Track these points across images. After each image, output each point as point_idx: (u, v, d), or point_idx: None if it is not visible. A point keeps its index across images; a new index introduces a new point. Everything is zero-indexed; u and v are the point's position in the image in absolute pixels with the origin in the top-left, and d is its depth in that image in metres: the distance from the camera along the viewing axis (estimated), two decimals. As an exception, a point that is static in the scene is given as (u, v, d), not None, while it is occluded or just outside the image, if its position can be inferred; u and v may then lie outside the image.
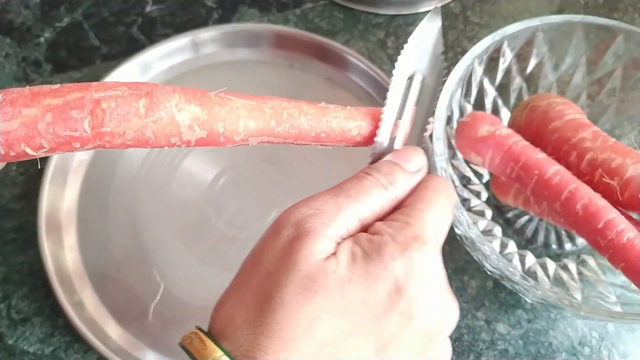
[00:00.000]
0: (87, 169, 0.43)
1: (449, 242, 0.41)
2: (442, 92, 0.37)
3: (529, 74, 0.42)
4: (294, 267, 0.19)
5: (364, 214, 0.21)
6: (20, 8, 0.53)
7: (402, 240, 0.20)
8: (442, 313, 0.21)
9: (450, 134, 0.39)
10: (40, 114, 0.19)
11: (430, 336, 0.20)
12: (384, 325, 0.19)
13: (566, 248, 0.40)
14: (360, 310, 0.19)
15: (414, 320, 0.20)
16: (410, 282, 0.20)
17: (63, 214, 0.41)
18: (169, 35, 0.50)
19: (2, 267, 0.40)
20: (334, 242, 0.20)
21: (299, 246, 0.20)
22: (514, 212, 0.41)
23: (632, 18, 0.54)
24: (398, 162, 0.23)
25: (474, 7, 0.54)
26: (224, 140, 0.22)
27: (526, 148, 0.34)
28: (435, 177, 0.24)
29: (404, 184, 0.22)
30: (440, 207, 0.22)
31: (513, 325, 0.39)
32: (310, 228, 0.20)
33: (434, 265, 0.21)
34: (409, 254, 0.20)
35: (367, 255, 0.20)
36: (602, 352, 0.38)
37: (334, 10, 0.53)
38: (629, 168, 0.33)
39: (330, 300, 0.19)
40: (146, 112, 0.20)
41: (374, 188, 0.22)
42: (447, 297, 0.21)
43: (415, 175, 0.23)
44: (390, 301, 0.19)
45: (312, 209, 0.21)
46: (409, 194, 0.22)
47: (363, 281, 0.19)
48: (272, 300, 0.19)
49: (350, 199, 0.21)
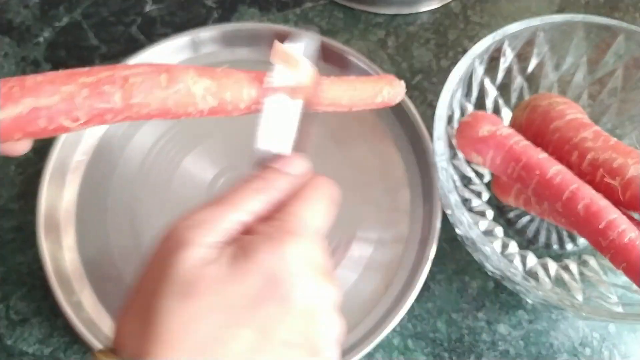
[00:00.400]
0: (86, 169, 0.43)
1: (449, 243, 0.41)
2: (443, 91, 0.37)
3: (530, 74, 0.42)
4: (173, 276, 0.21)
5: (245, 219, 0.23)
6: (19, 7, 0.52)
7: (277, 236, 0.22)
8: (320, 293, 0.23)
9: (451, 133, 0.39)
10: (76, 90, 0.22)
11: (313, 315, 0.22)
12: (262, 314, 0.21)
13: (567, 248, 0.40)
14: (238, 304, 0.21)
15: (292, 304, 0.22)
16: (284, 272, 0.22)
17: (62, 214, 0.41)
18: (169, 34, 0.50)
19: (0, 267, 0.40)
20: (214, 248, 0.22)
21: (176, 256, 0.21)
22: (515, 212, 0.41)
23: (633, 17, 0.54)
24: (281, 167, 0.25)
25: (474, 7, 0.54)
26: (231, 108, 0.25)
27: (527, 148, 0.34)
28: (317, 176, 0.26)
29: (286, 187, 0.25)
30: (317, 201, 0.25)
31: (514, 326, 0.39)
32: (190, 237, 0.22)
33: (308, 254, 0.23)
34: (282, 247, 0.22)
35: (244, 254, 0.22)
36: (604, 353, 0.38)
37: (334, 10, 0.53)
38: (630, 168, 0.33)
39: (209, 300, 0.21)
40: (167, 84, 0.24)
41: (254, 193, 0.24)
42: (324, 278, 0.23)
43: (299, 178, 0.25)
44: (265, 292, 0.21)
45: (192, 221, 0.22)
46: (293, 196, 0.25)
47: (241, 278, 0.21)
48: (155, 309, 0.20)
49: (229, 206, 0.23)
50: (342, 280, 0.39)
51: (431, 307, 0.39)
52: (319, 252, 0.24)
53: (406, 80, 0.49)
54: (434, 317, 0.39)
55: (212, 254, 0.22)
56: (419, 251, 0.39)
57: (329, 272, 0.24)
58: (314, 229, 0.24)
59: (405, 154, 0.44)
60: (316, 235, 0.24)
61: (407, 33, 0.52)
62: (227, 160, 0.43)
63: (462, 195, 0.40)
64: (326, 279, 0.23)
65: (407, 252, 0.40)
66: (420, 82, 0.49)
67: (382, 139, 0.45)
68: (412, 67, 0.50)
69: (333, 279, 0.24)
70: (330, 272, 0.24)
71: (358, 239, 0.40)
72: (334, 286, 0.24)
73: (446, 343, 0.38)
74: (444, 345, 0.38)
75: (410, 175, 0.43)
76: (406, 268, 0.39)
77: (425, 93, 0.48)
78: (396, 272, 0.39)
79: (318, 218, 0.25)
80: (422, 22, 0.53)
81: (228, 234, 0.23)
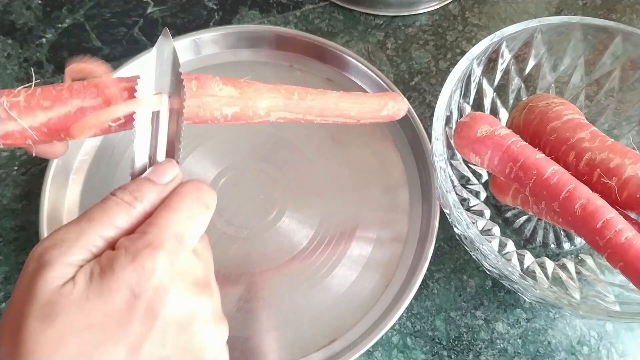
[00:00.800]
0: (89, 169, 0.43)
1: (448, 242, 0.42)
2: (442, 92, 0.37)
3: (528, 75, 0.43)
4: (34, 298, 0.21)
5: (108, 234, 0.23)
6: (22, 9, 0.53)
7: (134, 249, 0.22)
8: (190, 303, 0.22)
9: (449, 134, 0.39)
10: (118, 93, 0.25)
11: (185, 327, 0.22)
12: (130, 330, 0.21)
13: (565, 247, 0.41)
14: (104, 322, 0.21)
15: (160, 318, 0.21)
16: (146, 286, 0.21)
17: (65, 213, 0.41)
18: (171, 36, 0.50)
19: (4, 266, 0.40)
20: (75, 267, 0.22)
21: (37, 277, 0.21)
22: (512, 211, 0.42)
23: (630, 19, 0.54)
24: (150, 177, 0.25)
25: (472, 9, 0.55)
26: (252, 114, 0.28)
27: (525, 148, 0.34)
28: (187, 182, 0.25)
29: (153, 197, 0.24)
30: (185, 209, 0.24)
31: (512, 325, 0.39)
32: (49, 258, 0.21)
33: (173, 265, 0.22)
34: (140, 261, 0.21)
35: (102, 271, 0.21)
36: (601, 352, 0.38)
37: (333, 12, 0.53)
38: (627, 168, 0.34)
39: (71, 320, 0.20)
40: (197, 90, 0.26)
41: (117, 207, 0.23)
42: (194, 287, 0.23)
43: (167, 187, 0.25)
44: (130, 307, 0.21)
45: (53, 240, 0.22)
46: (160, 206, 0.24)
47: (99, 295, 0.21)
48: (22, 332, 0.20)
49: (92, 222, 0.23)
50: (342, 279, 0.39)
51: (430, 306, 0.39)
52: (186, 261, 0.23)
53: (405, 81, 0.50)
54: (432, 316, 0.39)
55: (72, 273, 0.21)
56: (417, 250, 0.40)
57: (202, 281, 0.23)
58: (180, 238, 0.23)
59: (404, 154, 0.44)
60: (183, 244, 0.23)
61: (406, 35, 0.52)
62: (228, 160, 0.43)
63: (460, 195, 0.40)
64: (197, 289, 0.23)
65: (406, 251, 0.40)
66: (419, 83, 0.49)
67: (381, 139, 0.45)
68: (411, 68, 0.50)
69: (206, 287, 0.23)
70: (204, 279, 0.24)
71: (357, 238, 0.41)
72: (208, 294, 0.23)
73: (445, 341, 0.38)
74: (442, 343, 0.38)
75: (409, 175, 0.43)
76: (405, 267, 0.39)
77: (423, 94, 0.49)
78: (395, 271, 0.39)
79: (184, 226, 0.24)
80: (420, 24, 0.53)
81: (90, 251, 0.22)
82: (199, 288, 0.23)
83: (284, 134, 0.45)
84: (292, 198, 0.42)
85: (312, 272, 0.39)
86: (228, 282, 0.39)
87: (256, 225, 0.41)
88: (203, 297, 0.23)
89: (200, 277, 0.24)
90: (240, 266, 0.39)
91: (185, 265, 0.23)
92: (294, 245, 0.40)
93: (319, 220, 0.41)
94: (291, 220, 0.41)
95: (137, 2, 0.54)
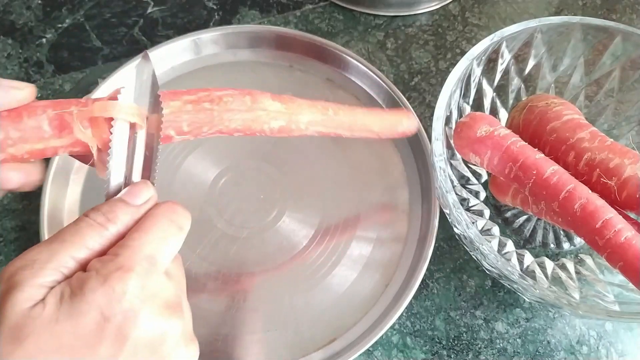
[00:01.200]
0: (90, 169, 0.43)
1: (447, 242, 0.42)
2: (441, 92, 0.37)
3: (527, 75, 0.43)
4: (3, 319, 0.21)
5: (80, 255, 0.23)
6: (22, 9, 0.53)
7: (105, 272, 0.22)
8: (160, 325, 0.23)
9: (449, 134, 0.39)
10: (182, 105, 0.26)
11: (155, 349, 0.22)
12: (100, 352, 0.21)
13: (564, 247, 0.41)
14: (73, 344, 0.21)
15: (130, 340, 0.21)
16: (115, 309, 0.21)
17: (65, 213, 0.41)
18: (170, 36, 0.50)
19: (4, 266, 0.40)
20: (46, 289, 0.22)
21: (7, 299, 0.21)
22: (512, 211, 0.42)
23: (630, 19, 0.54)
24: (124, 198, 0.25)
25: (472, 9, 0.55)
26: (294, 127, 0.30)
27: (524, 148, 0.35)
28: (161, 204, 0.25)
29: (126, 219, 0.24)
30: (157, 231, 0.24)
31: (511, 324, 0.39)
32: (19, 280, 0.21)
33: (143, 287, 0.22)
34: (110, 284, 0.21)
35: (73, 293, 0.21)
36: (600, 351, 0.38)
37: (333, 12, 0.53)
38: (626, 168, 0.34)
39: (40, 342, 0.20)
40: (251, 104, 0.28)
41: (89, 228, 0.23)
42: (164, 310, 0.23)
43: (141, 208, 0.25)
44: (100, 330, 0.21)
45: (25, 261, 0.22)
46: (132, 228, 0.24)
47: (69, 317, 0.21)
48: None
49: (64, 243, 0.22)
50: (342, 278, 0.39)
51: (430, 305, 0.39)
52: (158, 283, 0.23)
53: (405, 81, 0.50)
54: (432, 315, 0.39)
55: (42, 294, 0.21)
56: (417, 250, 0.40)
57: (173, 302, 0.24)
58: (152, 261, 0.23)
59: (404, 154, 0.44)
60: (155, 266, 0.23)
61: (406, 35, 0.52)
62: (228, 161, 0.44)
63: (460, 194, 0.40)
64: (168, 311, 0.23)
65: (406, 251, 0.40)
66: (419, 83, 0.49)
67: (381, 140, 0.45)
68: (411, 69, 0.50)
69: (177, 309, 0.24)
70: (175, 301, 0.24)
71: (357, 238, 0.41)
72: (179, 316, 0.23)
73: (444, 341, 0.38)
74: (442, 342, 0.38)
75: (409, 175, 0.43)
76: (405, 267, 0.39)
77: (423, 94, 0.49)
78: (395, 271, 0.39)
79: (156, 248, 0.23)
80: (420, 24, 0.53)
81: (61, 273, 0.22)
82: (169, 310, 0.23)
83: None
84: (292, 198, 0.42)
85: (312, 272, 0.39)
86: (228, 282, 0.39)
87: (256, 225, 0.41)
88: (174, 319, 0.23)
89: (171, 298, 0.24)
90: (240, 266, 0.39)
91: (157, 287, 0.23)
92: (294, 245, 0.40)
93: (319, 220, 0.41)
94: (291, 220, 0.41)
95: (137, 2, 0.54)
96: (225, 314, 0.38)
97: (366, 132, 0.33)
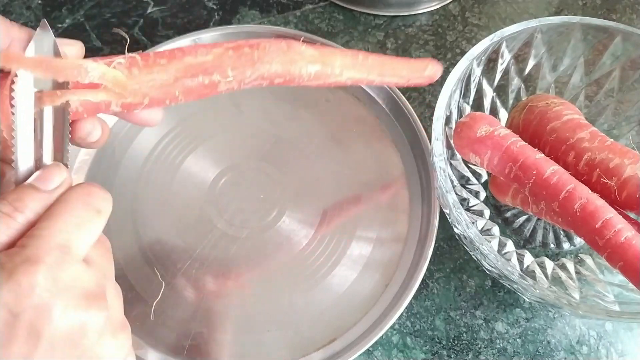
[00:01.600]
0: (89, 169, 0.43)
1: (447, 242, 0.42)
2: (441, 92, 0.37)
3: (527, 75, 0.43)
4: None
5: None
6: (22, 9, 0.53)
7: (11, 266, 0.20)
8: (79, 317, 0.21)
9: (449, 134, 0.39)
10: (224, 51, 0.27)
11: (75, 342, 0.21)
12: (13, 352, 0.20)
13: (564, 247, 0.41)
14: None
15: (44, 337, 0.20)
16: (23, 305, 0.20)
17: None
18: (170, 36, 0.50)
19: None
20: None
21: None
22: (512, 211, 0.42)
23: (630, 19, 0.54)
24: (34, 183, 0.23)
25: (472, 9, 0.55)
26: (330, 72, 0.30)
27: (524, 148, 0.35)
28: (75, 187, 0.23)
29: (36, 206, 0.22)
30: (71, 217, 0.22)
31: (511, 324, 0.39)
32: None
33: (55, 279, 0.21)
34: (16, 278, 0.20)
35: None
36: (600, 351, 0.38)
37: (333, 12, 0.53)
38: (626, 168, 0.34)
39: None
40: (287, 49, 0.29)
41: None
42: (83, 300, 0.21)
43: (53, 193, 0.23)
44: (10, 328, 0.20)
45: None
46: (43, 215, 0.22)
47: None
48: None
49: None
50: (342, 278, 0.39)
51: (429, 305, 0.39)
52: (74, 273, 0.21)
53: (405, 81, 0.50)
54: (432, 315, 0.39)
55: None
56: (417, 250, 0.40)
57: (93, 292, 0.22)
58: (65, 250, 0.21)
59: (404, 154, 0.44)
60: (69, 255, 0.22)
61: (406, 34, 0.52)
62: (228, 161, 0.44)
63: (460, 195, 0.40)
64: (87, 301, 0.21)
65: (406, 251, 0.40)
66: (419, 83, 0.49)
67: (381, 140, 0.45)
68: (411, 68, 0.50)
69: (98, 298, 0.22)
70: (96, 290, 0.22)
71: (357, 238, 0.41)
72: (100, 306, 0.22)
73: (444, 341, 0.38)
74: (442, 342, 0.38)
75: (409, 175, 0.44)
76: (405, 267, 0.39)
77: (423, 94, 0.49)
78: (395, 271, 0.39)
79: (70, 236, 0.22)
80: (420, 24, 0.53)
81: None
82: (88, 300, 0.22)
83: (283, 134, 0.45)
84: (292, 198, 0.42)
85: (312, 272, 0.39)
86: (228, 282, 0.39)
87: (256, 225, 0.41)
88: (93, 310, 0.22)
89: (91, 288, 0.22)
90: (240, 266, 0.39)
91: (72, 277, 0.21)
92: (293, 245, 0.40)
93: (319, 220, 0.41)
94: (291, 220, 0.41)
95: (137, 2, 0.54)
96: (225, 313, 0.38)
97: (396, 77, 0.33)
